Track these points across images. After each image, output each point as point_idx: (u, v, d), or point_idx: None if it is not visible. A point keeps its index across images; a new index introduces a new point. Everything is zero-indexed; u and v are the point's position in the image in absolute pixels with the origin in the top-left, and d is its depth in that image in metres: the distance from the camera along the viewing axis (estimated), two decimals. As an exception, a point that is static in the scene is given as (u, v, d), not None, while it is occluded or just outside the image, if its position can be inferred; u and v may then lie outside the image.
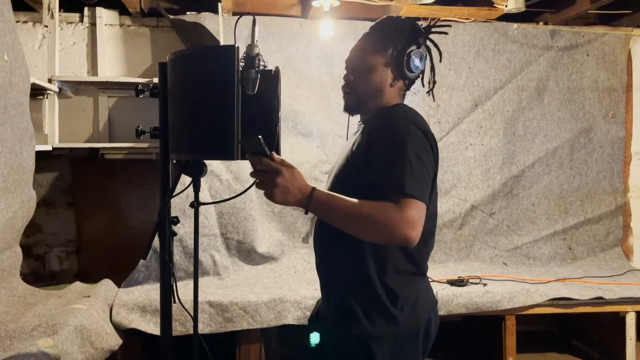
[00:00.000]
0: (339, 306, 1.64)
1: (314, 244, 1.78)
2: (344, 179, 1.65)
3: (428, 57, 1.73)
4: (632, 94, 3.77)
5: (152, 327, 2.56)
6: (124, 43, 3.41)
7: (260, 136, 1.45)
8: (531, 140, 3.66)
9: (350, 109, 1.75)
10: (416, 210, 1.39)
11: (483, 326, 3.02)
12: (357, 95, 1.72)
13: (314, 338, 1.48)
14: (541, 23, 3.65)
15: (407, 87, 1.74)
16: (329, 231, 1.67)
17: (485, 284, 2.95)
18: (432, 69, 1.77)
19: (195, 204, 1.70)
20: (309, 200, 1.45)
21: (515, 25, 3.58)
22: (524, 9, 3.06)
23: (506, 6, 3.03)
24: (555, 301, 2.86)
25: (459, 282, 2.94)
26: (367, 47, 1.73)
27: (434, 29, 1.74)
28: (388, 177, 1.44)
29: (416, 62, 1.67)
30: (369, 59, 1.70)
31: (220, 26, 3.17)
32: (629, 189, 3.79)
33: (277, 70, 1.65)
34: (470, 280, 3.00)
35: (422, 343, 1.64)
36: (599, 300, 2.87)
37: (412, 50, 1.66)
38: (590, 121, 3.70)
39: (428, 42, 1.73)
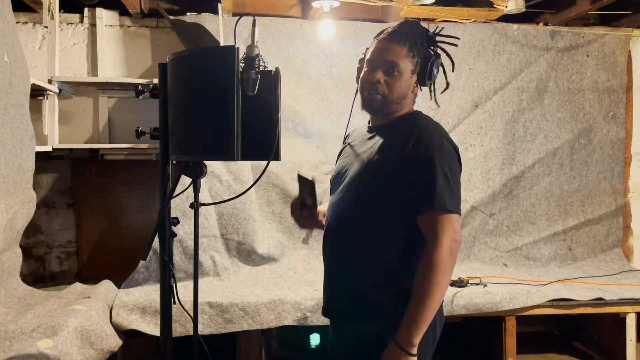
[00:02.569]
0: (363, 302, 1.65)
1: (328, 241, 1.77)
2: (367, 183, 1.67)
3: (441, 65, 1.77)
4: (632, 94, 3.77)
5: (152, 328, 2.56)
6: (124, 44, 3.41)
7: None
8: (531, 141, 3.66)
9: (375, 109, 1.74)
10: (455, 222, 1.53)
11: (483, 327, 3.01)
12: (385, 98, 1.71)
13: (315, 339, 1.49)
14: (541, 24, 3.66)
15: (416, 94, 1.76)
16: (352, 229, 1.68)
17: (485, 285, 2.95)
18: (446, 76, 1.81)
19: (196, 205, 1.70)
20: (414, 349, 1.51)
21: (515, 26, 3.58)
22: (524, 10, 3.07)
23: (506, 7, 3.04)
24: (555, 302, 2.86)
25: (459, 283, 2.94)
26: (399, 51, 1.70)
27: (445, 39, 1.75)
28: (428, 192, 1.53)
29: (435, 71, 1.72)
30: (401, 64, 1.69)
31: (220, 27, 3.17)
32: (629, 190, 3.79)
33: (277, 71, 1.65)
34: (471, 281, 3.00)
35: (432, 340, 1.66)
36: (599, 301, 2.87)
37: (434, 60, 1.70)
38: (590, 122, 3.70)
39: (440, 50, 1.76)
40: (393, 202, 1.60)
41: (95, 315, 2.39)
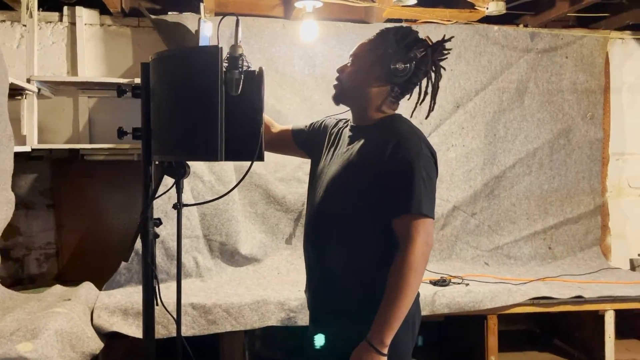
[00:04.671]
0: (341, 302, 1.67)
1: (308, 241, 1.79)
2: (343, 184, 1.69)
3: (431, 75, 1.75)
4: (609, 95, 3.84)
5: (134, 330, 2.53)
6: (104, 43, 3.37)
7: None
8: (512, 141, 3.70)
9: (334, 97, 1.80)
10: (429, 227, 1.57)
11: (465, 326, 3.04)
12: (341, 85, 1.77)
13: (319, 340, 1.52)
14: (521, 25, 3.70)
15: (396, 96, 1.75)
16: (330, 230, 1.69)
17: (467, 284, 2.98)
18: (434, 87, 1.77)
19: (178, 206, 1.69)
20: (384, 348, 1.53)
21: (496, 27, 3.62)
22: (504, 12, 3.10)
23: (487, 8, 3.06)
24: (536, 300, 2.90)
25: (442, 282, 2.96)
26: (363, 45, 1.76)
27: (441, 52, 1.75)
28: (406, 196, 1.56)
29: (399, 69, 1.68)
30: (360, 54, 1.74)
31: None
32: (606, 189, 3.85)
33: (260, 71, 1.65)
34: (453, 280, 3.02)
35: (410, 335, 1.68)
36: (578, 299, 2.92)
37: (398, 59, 1.68)
38: (569, 122, 3.75)
39: (434, 62, 1.74)
40: (370, 205, 1.62)
41: (76, 317, 2.36)
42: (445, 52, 1.75)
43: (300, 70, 3.42)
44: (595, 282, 3.15)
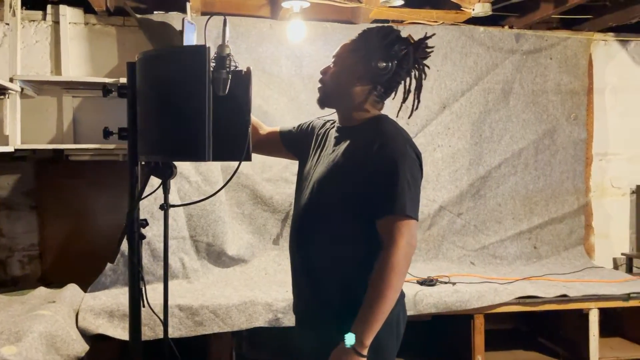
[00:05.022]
0: (324, 304, 1.68)
1: (294, 242, 1.78)
2: (330, 185, 1.69)
3: (413, 73, 1.76)
4: (593, 96, 3.88)
5: (120, 332, 2.51)
6: (89, 42, 3.34)
7: None
8: (497, 141, 3.73)
9: (319, 100, 1.80)
10: (413, 228, 1.56)
11: (452, 325, 3.05)
12: (324, 86, 1.78)
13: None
14: (506, 27, 3.73)
15: (383, 97, 1.75)
16: (315, 232, 1.69)
17: (454, 284, 2.99)
18: (418, 87, 1.77)
19: (165, 206, 1.68)
20: (364, 349, 1.52)
21: (481, 28, 3.64)
22: (490, 13, 3.12)
23: (473, 10, 3.08)
24: (522, 299, 2.92)
25: (429, 282, 2.98)
26: (345, 46, 1.77)
27: (424, 50, 1.75)
28: (389, 198, 1.56)
29: (382, 68, 1.69)
30: (341, 55, 1.75)
31: (189, 26, 3.12)
32: (590, 189, 3.90)
33: (248, 71, 1.64)
34: (440, 280, 3.04)
35: (395, 337, 1.68)
36: (563, 298, 2.94)
37: (381, 60, 1.68)
38: (554, 123, 3.79)
39: (417, 60, 1.74)
40: (355, 206, 1.63)
41: (60, 320, 2.34)
42: (428, 49, 1.76)
43: (287, 70, 3.41)
44: (580, 281, 3.18)
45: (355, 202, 1.63)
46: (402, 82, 1.75)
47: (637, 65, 3.99)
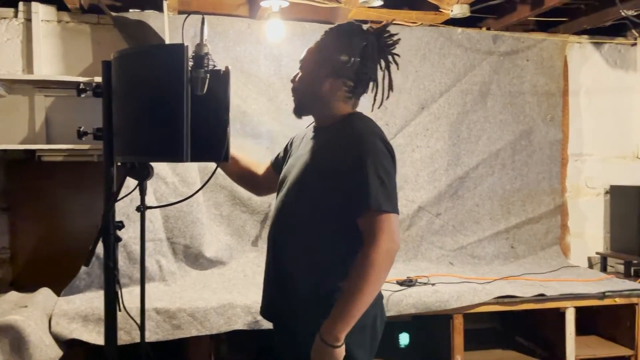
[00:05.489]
0: (303, 305, 1.66)
1: (271, 244, 1.77)
2: (305, 187, 1.68)
3: (382, 69, 1.76)
4: (568, 98, 3.93)
5: (95, 336, 2.45)
6: (62, 40, 3.26)
7: None
8: (475, 142, 3.75)
9: (295, 110, 1.80)
10: (393, 223, 1.54)
11: (432, 325, 3.06)
12: (295, 91, 1.79)
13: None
14: (484, 28, 3.76)
15: (354, 93, 1.75)
16: (292, 233, 1.68)
17: (433, 284, 3.00)
18: (388, 78, 1.80)
19: (142, 208, 1.65)
20: (338, 342, 1.52)
21: (459, 29, 3.66)
22: (468, 14, 3.14)
23: (452, 11, 3.10)
24: (500, 299, 2.94)
25: (408, 282, 2.98)
26: (314, 48, 1.77)
27: (387, 38, 1.76)
28: (363, 195, 1.54)
29: (345, 61, 1.69)
30: (307, 58, 1.76)
31: (166, 25, 3.08)
32: (566, 190, 3.95)
33: (227, 70, 1.62)
34: (419, 280, 3.04)
35: (370, 338, 1.67)
36: (541, 297, 2.97)
37: (344, 54, 1.68)
38: (530, 124, 3.83)
39: (382, 50, 1.75)
40: (331, 205, 1.62)
41: (33, 325, 2.28)
42: (394, 38, 1.76)
43: (266, 70, 3.38)
44: (556, 280, 3.22)
45: (329, 202, 1.61)
46: (372, 74, 1.74)
47: (610, 68, 4.06)
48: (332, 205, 1.61)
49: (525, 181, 3.82)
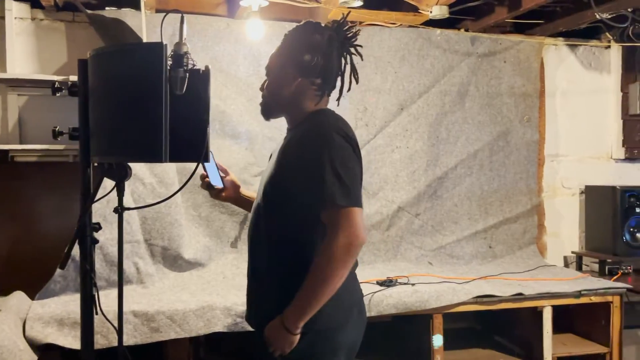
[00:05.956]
0: (275, 305, 1.66)
1: (248, 244, 1.79)
2: (273, 187, 1.70)
3: (347, 62, 1.78)
4: (544, 99, 3.99)
5: (70, 341, 2.40)
6: (36, 38, 3.20)
7: None
8: (453, 143, 3.78)
9: (262, 113, 1.82)
10: (353, 217, 1.53)
11: (412, 325, 3.07)
12: (265, 97, 1.81)
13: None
14: (462, 30, 3.79)
15: (322, 90, 1.75)
16: (263, 232, 1.69)
17: (413, 284, 3.01)
18: (354, 72, 1.82)
19: (120, 209, 1.62)
20: (294, 330, 1.57)
21: (438, 30, 3.68)
22: (447, 16, 3.16)
23: (431, 12, 3.11)
24: (479, 299, 2.96)
25: (388, 283, 2.98)
26: (276, 53, 1.81)
27: (347, 30, 1.78)
28: (320, 190, 1.54)
29: (309, 60, 1.70)
30: (271, 61, 1.79)
31: (143, 23, 3.04)
32: (542, 190, 4.00)
33: (206, 69, 1.60)
34: (399, 280, 3.05)
35: (347, 337, 1.68)
36: (519, 297, 3.00)
37: (307, 53, 1.70)
38: (508, 125, 3.87)
39: (344, 43, 1.78)
40: (297, 203, 1.63)
41: (6, 329, 2.23)
42: (353, 30, 1.78)
43: (245, 70, 3.36)
44: (534, 280, 3.26)
45: (296, 199, 1.63)
46: (337, 69, 1.76)
47: (585, 70, 4.13)
48: (299, 202, 1.62)
49: (502, 182, 3.86)
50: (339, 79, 1.78)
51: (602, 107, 4.17)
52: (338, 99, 1.79)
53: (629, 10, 3.40)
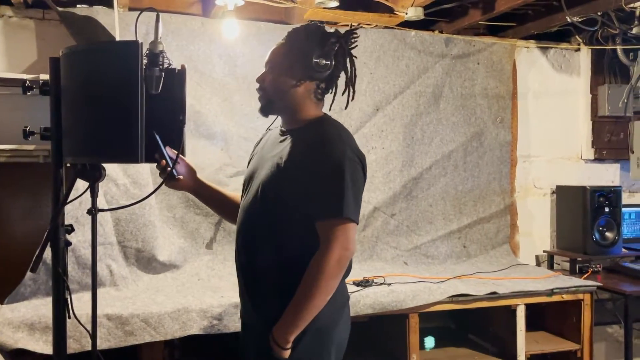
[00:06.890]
0: (267, 305, 1.68)
1: (238, 244, 1.76)
2: (273, 188, 1.68)
3: (352, 70, 1.79)
4: (517, 101, 4.05)
5: (42, 345, 2.34)
6: (4, 36, 3.12)
7: None
8: (428, 144, 3.81)
9: (262, 109, 1.78)
10: (351, 231, 1.58)
11: (388, 325, 3.09)
12: (264, 91, 1.77)
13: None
14: (437, 31, 3.82)
15: (323, 95, 1.77)
16: (258, 233, 1.67)
17: (389, 284, 3.02)
18: (351, 79, 1.83)
19: (93, 211, 1.59)
20: (285, 345, 1.56)
21: (413, 32, 3.71)
22: (422, 17, 3.18)
23: (406, 13, 3.13)
24: (455, 298, 2.99)
25: (365, 283, 2.99)
26: (275, 49, 1.78)
27: (352, 38, 1.78)
28: (328, 200, 1.57)
29: (322, 65, 1.71)
30: (274, 58, 1.76)
31: (116, 21, 2.98)
32: (515, 190, 4.06)
33: (183, 69, 1.59)
34: (375, 281, 3.06)
35: (339, 335, 1.69)
36: (493, 295, 3.04)
37: (319, 57, 1.70)
38: (481, 126, 3.92)
39: (347, 52, 1.78)
40: (296, 208, 1.63)
41: (-27, 335, 2.16)
42: (355, 39, 1.78)
43: (220, 69, 3.33)
44: (507, 279, 3.30)
45: (296, 203, 1.63)
46: (339, 74, 1.78)
47: (555, 72, 4.21)
48: (299, 206, 1.62)
49: (476, 182, 3.91)
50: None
51: (572, 109, 4.25)
52: (339, 106, 1.80)
53: (599, 13, 3.47)
